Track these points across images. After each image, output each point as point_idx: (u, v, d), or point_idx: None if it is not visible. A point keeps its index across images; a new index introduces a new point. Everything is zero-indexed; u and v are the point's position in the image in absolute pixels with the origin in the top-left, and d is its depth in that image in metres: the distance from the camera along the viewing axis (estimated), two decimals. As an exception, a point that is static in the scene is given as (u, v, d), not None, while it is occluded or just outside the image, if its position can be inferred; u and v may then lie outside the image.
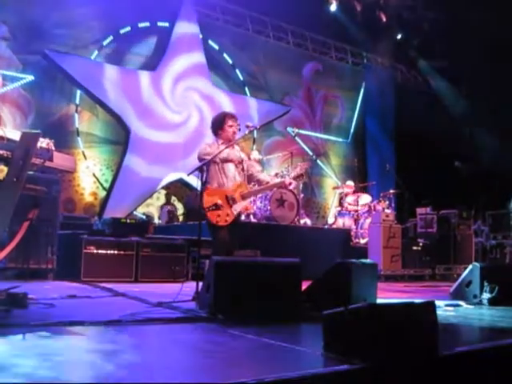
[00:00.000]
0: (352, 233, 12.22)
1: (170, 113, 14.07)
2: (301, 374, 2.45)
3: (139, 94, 13.55)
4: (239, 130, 6.07)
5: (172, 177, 13.86)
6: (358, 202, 12.87)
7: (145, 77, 13.74)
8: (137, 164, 13.33)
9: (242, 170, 6.07)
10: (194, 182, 6.02)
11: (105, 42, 13.30)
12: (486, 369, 3.07)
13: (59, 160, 7.58)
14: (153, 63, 14.02)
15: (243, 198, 5.88)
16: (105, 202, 12.95)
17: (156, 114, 13.79)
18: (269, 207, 10.35)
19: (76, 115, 12.84)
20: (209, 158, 5.77)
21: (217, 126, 6.07)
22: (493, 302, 5.67)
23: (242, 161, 6.11)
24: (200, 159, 5.88)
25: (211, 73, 14.98)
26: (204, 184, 5.73)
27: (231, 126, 5.98)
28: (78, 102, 12.87)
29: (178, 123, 14.19)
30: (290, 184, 6.33)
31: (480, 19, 12.75)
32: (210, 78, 14.89)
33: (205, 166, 5.70)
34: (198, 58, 14.59)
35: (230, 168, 5.94)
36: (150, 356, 2.97)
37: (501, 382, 3.09)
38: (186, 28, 14.40)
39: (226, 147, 5.85)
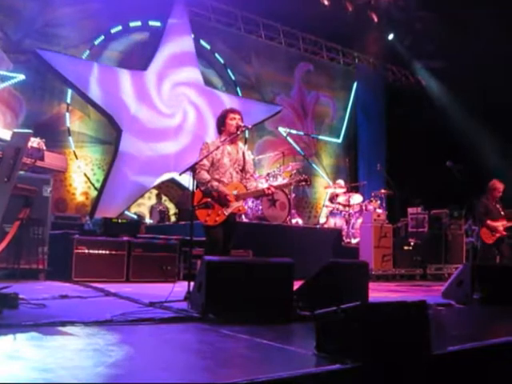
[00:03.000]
0: (343, 232, 12.24)
1: (161, 112, 14.04)
2: (293, 373, 2.45)
3: (131, 93, 13.52)
4: (242, 122, 6.00)
5: (164, 176, 13.85)
6: (349, 201, 12.89)
7: (136, 76, 13.71)
8: (128, 164, 13.30)
9: (242, 170, 5.99)
10: (186, 181, 5.99)
11: (96, 42, 13.26)
12: (478, 368, 3.08)
13: (50, 160, 7.59)
14: (144, 63, 13.99)
15: (237, 199, 5.82)
16: (96, 201, 12.92)
17: (148, 114, 13.76)
18: (260, 207, 10.36)
19: (67, 115, 12.79)
20: (201, 157, 5.74)
21: (219, 123, 6.03)
22: (484, 302, 5.68)
23: (244, 161, 6.01)
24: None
25: (203, 73, 14.97)
26: (198, 184, 5.70)
27: (233, 119, 5.91)
28: (69, 101, 12.83)
29: (169, 122, 14.17)
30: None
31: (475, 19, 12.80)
32: (202, 78, 14.88)
33: (197, 167, 5.66)
34: (190, 58, 14.58)
35: (226, 167, 5.87)
36: (141, 356, 2.96)
37: (493, 381, 3.10)
38: (177, 28, 14.38)
39: (218, 147, 5.79)
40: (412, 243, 12.14)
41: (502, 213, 9.94)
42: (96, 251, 8.05)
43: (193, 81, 14.65)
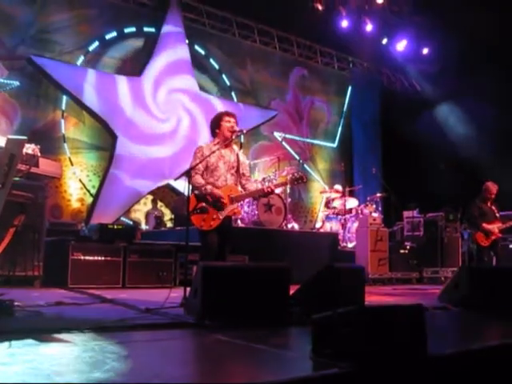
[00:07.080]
0: (339, 237, 12.24)
1: (156, 117, 14.02)
2: (290, 378, 2.44)
3: (125, 99, 13.49)
4: (237, 126, 5.97)
5: (160, 182, 13.82)
6: (345, 206, 12.89)
7: (131, 82, 13.69)
8: (123, 170, 13.27)
9: (237, 172, 5.96)
10: (181, 186, 5.97)
11: (91, 48, 13.25)
12: (474, 371, 3.08)
13: (45, 166, 7.58)
14: (139, 69, 13.97)
15: (232, 201, 5.80)
16: (92, 208, 12.87)
17: (143, 119, 13.73)
18: (256, 212, 10.35)
19: (62, 121, 12.76)
20: (195, 162, 5.73)
21: (214, 125, 5.98)
22: (480, 305, 5.67)
23: (238, 163, 5.98)
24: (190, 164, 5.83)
25: (198, 78, 14.98)
26: (193, 189, 5.68)
27: (228, 122, 5.87)
28: (64, 107, 12.80)
29: (164, 128, 14.14)
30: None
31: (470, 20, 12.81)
32: (197, 83, 14.88)
33: (192, 171, 5.65)
34: (185, 63, 14.58)
35: (221, 170, 5.84)
36: (137, 363, 2.95)
37: (489, 384, 3.11)
38: (172, 33, 14.38)
39: (213, 152, 5.77)
40: (408, 247, 12.16)
41: (497, 215, 9.90)
42: (92, 257, 8.04)
43: (188, 87, 14.63)
